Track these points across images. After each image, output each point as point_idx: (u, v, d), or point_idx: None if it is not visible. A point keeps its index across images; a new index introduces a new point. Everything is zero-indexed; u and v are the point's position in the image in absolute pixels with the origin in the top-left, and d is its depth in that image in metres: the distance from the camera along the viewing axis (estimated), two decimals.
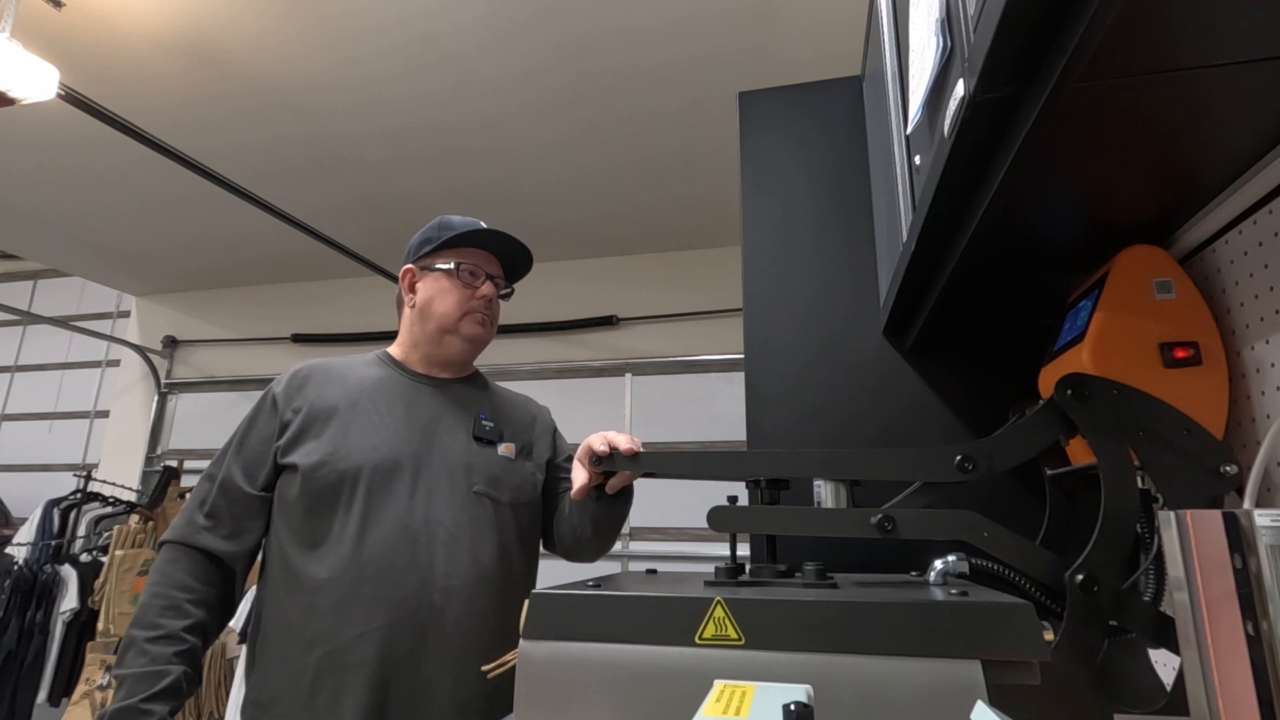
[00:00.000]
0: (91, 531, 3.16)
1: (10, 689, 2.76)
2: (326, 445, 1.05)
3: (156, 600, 0.99)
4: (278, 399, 1.10)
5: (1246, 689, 0.45)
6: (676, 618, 0.60)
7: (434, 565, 1.01)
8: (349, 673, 0.95)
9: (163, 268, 3.75)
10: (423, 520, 1.03)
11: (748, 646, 0.58)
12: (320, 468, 1.03)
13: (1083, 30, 0.46)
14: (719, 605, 0.60)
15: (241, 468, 1.07)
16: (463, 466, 1.10)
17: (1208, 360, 0.73)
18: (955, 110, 0.59)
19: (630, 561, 3.12)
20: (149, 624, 0.97)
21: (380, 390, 1.13)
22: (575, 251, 3.44)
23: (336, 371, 1.14)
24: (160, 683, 0.93)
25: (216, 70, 2.14)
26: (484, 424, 1.15)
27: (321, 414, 1.08)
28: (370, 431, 1.07)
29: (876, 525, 0.74)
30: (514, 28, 1.95)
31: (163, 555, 1.04)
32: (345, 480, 1.03)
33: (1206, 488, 0.66)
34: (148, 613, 0.98)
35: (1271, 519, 0.46)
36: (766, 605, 0.59)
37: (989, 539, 0.71)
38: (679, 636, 0.59)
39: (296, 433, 1.06)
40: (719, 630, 0.59)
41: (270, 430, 1.09)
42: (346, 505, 1.02)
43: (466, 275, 1.16)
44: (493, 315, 1.20)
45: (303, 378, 1.13)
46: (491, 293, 1.18)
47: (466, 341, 1.17)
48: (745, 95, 1.38)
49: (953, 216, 0.76)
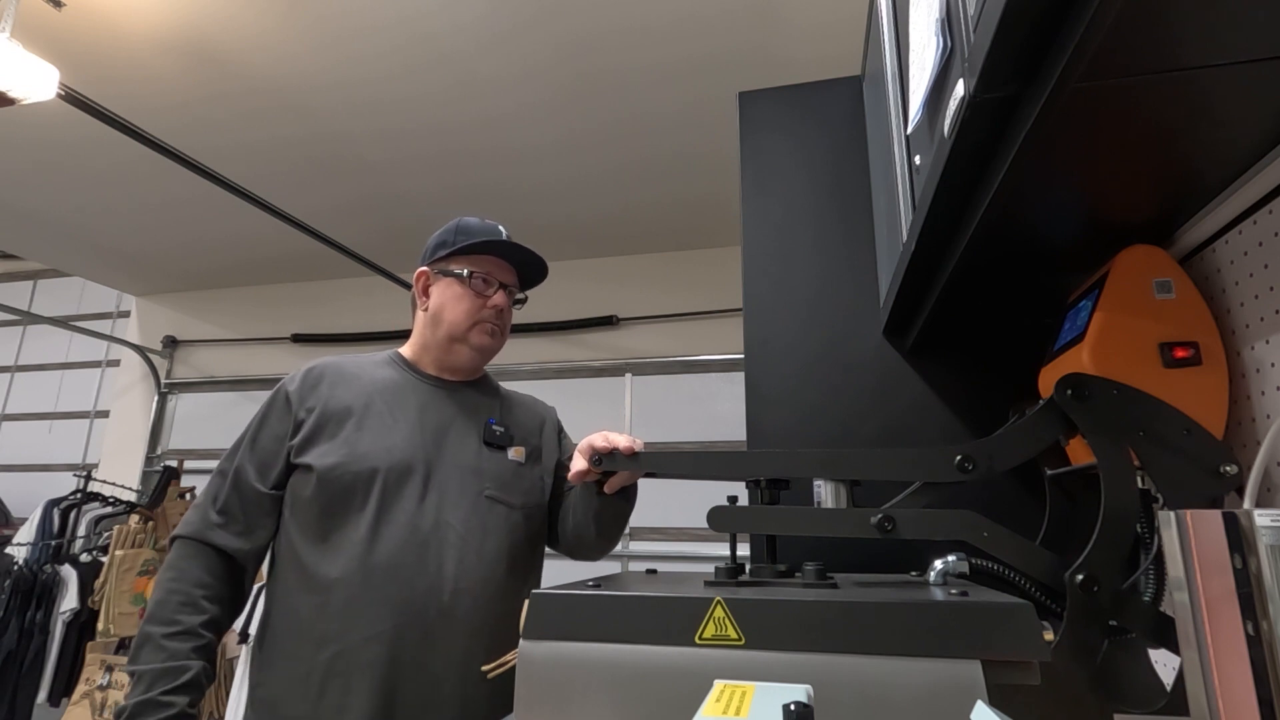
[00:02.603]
0: (91, 531, 3.16)
1: (10, 689, 2.76)
2: (342, 446, 1.05)
3: (174, 596, 0.99)
4: (291, 397, 1.10)
5: (1246, 689, 0.45)
6: (676, 618, 0.60)
7: (444, 568, 1.02)
8: (357, 674, 0.95)
9: (163, 268, 3.75)
10: (433, 523, 1.03)
11: (748, 646, 0.58)
12: (336, 469, 1.03)
13: (1083, 30, 0.46)
14: (719, 605, 0.60)
15: (254, 465, 1.07)
16: (473, 471, 1.10)
17: (1208, 360, 0.73)
18: (955, 110, 0.59)
19: (630, 561, 3.12)
20: (166, 619, 0.97)
21: (393, 392, 1.13)
22: (575, 251, 3.44)
23: (349, 371, 1.14)
24: (181, 677, 0.93)
25: (216, 70, 2.14)
26: (494, 429, 1.16)
27: (336, 414, 1.08)
28: (384, 434, 1.07)
29: (876, 525, 0.74)
30: (514, 28, 1.95)
31: (176, 550, 1.03)
32: (360, 482, 1.03)
33: (1206, 488, 0.66)
34: (165, 608, 0.98)
35: (1271, 519, 0.46)
36: (766, 605, 0.59)
37: (989, 539, 0.71)
38: (679, 636, 0.59)
39: (311, 432, 1.06)
40: (719, 630, 0.59)
41: (284, 428, 1.08)
42: (360, 506, 1.02)
43: (479, 284, 1.16)
44: (504, 325, 1.19)
45: (316, 376, 1.12)
46: (503, 303, 1.17)
47: (475, 351, 1.17)
48: (745, 95, 1.38)
49: (953, 216, 0.76)
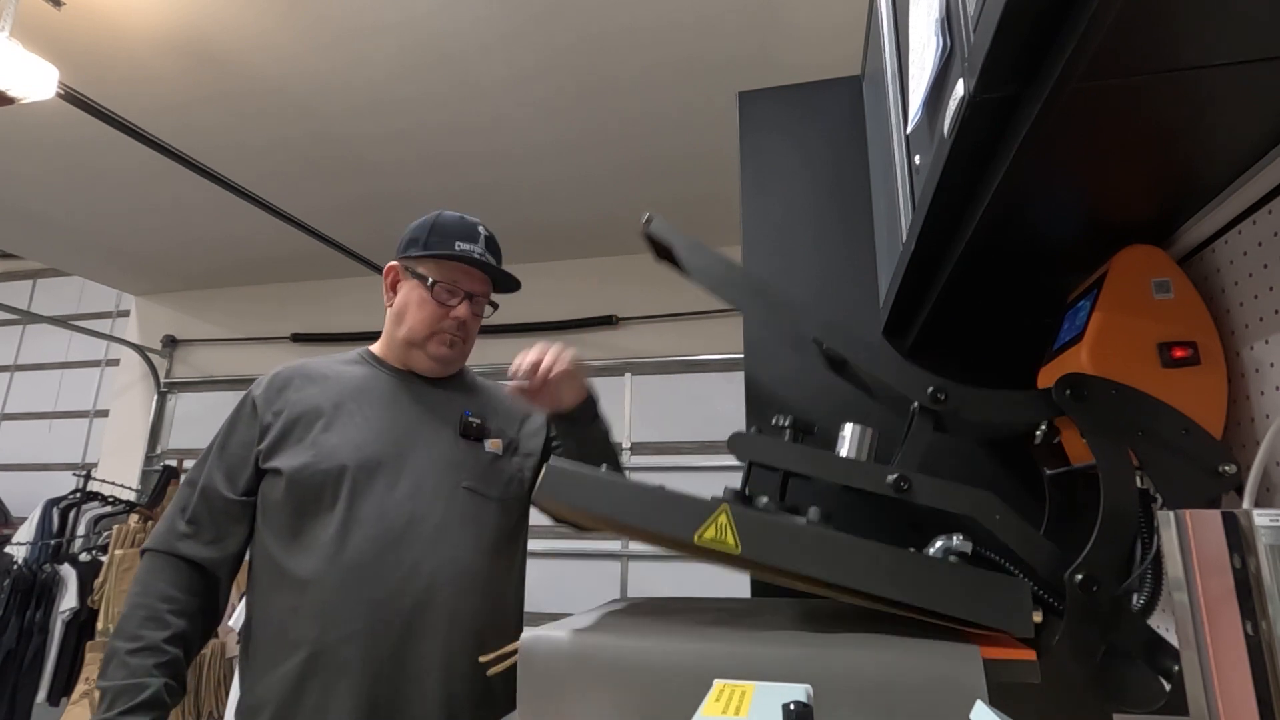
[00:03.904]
0: (91, 531, 3.16)
1: (10, 688, 2.76)
2: (310, 447, 1.04)
3: (138, 611, 0.98)
4: (257, 402, 1.09)
5: (1246, 689, 0.45)
6: (682, 513, 0.61)
7: (419, 564, 1.01)
8: (334, 675, 0.95)
9: (162, 267, 3.75)
10: (407, 518, 1.03)
11: (743, 555, 0.59)
12: (305, 470, 1.02)
13: (1083, 30, 0.46)
14: (725, 512, 0.60)
15: (223, 473, 1.06)
16: (450, 463, 1.09)
17: (1206, 360, 0.73)
18: (955, 110, 0.59)
19: (630, 561, 3.12)
20: (130, 635, 0.97)
21: (363, 389, 1.12)
22: (575, 251, 3.44)
23: (317, 371, 1.13)
24: (140, 695, 0.92)
25: (216, 70, 2.14)
26: (470, 421, 1.14)
27: (303, 416, 1.07)
28: (353, 430, 1.06)
29: (892, 484, 0.72)
30: (515, 29, 1.95)
31: (144, 564, 1.03)
32: (329, 480, 1.02)
33: (1205, 488, 0.66)
34: (129, 623, 0.98)
35: (1271, 519, 0.46)
36: (769, 522, 0.60)
37: (1000, 521, 0.70)
38: (679, 529, 0.60)
39: (278, 436, 1.05)
40: (718, 535, 0.60)
41: (250, 435, 1.07)
42: (330, 505, 1.01)
43: (443, 293, 1.13)
44: (465, 335, 1.17)
45: (282, 381, 1.11)
46: (465, 314, 1.14)
47: (432, 360, 1.15)
48: (745, 95, 1.38)
49: (952, 216, 0.76)
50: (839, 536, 0.58)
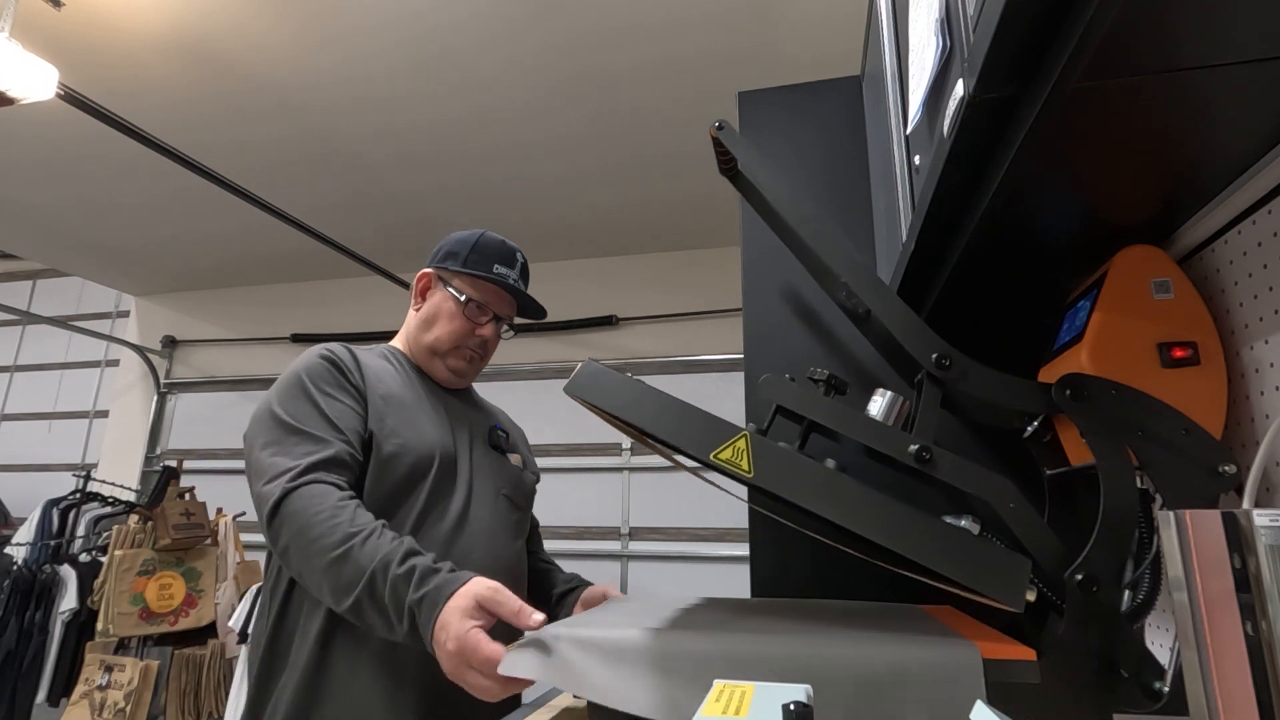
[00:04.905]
0: (91, 531, 3.15)
1: (9, 689, 2.76)
2: (399, 433, 1.02)
3: (330, 533, 0.86)
4: (343, 365, 1.03)
5: (1246, 689, 0.45)
6: (703, 429, 0.63)
7: (474, 563, 1.00)
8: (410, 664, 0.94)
9: (162, 267, 3.75)
10: (468, 518, 1.05)
11: (754, 480, 0.60)
12: (398, 455, 1.01)
13: (1082, 30, 0.46)
14: (745, 436, 0.62)
15: (345, 427, 0.99)
16: (490, 470, 1.13)
17: (1206, 360, 0.73)
18: (955, 110, 0.59)
19: (630, 561, 3.11)
20: (334, 545, 0.84)
21: (412, 388, 1.12)
22: (575, 251, 3.44)
23: (366, 359, 1.10)
24: (416, 556, 0.84)
25: (215, 69, 2.14)
26: (499, 433, 1.19)
27: (381, 398, 1.04)
28: (428, 425, 1.06)
29: (914, 454, 0.72)
30: (512, 25, 1.95)
31: (295, 501, 0.89)
32: (419, 469, 1.02)
33: (1205, 488, 0.66)
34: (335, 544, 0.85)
35: (1271, 519, 0.46)
36: (785, 454, 0.62)
37: (1013, 510, 0.70)
38: (697, 444, 0.62)
39: (375, 411, 1.03)
40: (734, 457, 0.61)
41: (351, 398, 1.02)
42: (414, 494, 1.01)
43: (475, 311, 1.15)
44: (485, 353, 1.19)
45: (350, 356, 1.07)
46: (490, 334, 1.17)
47: (450, 371, 1.16)
48: (744, 95, 1.38)
49: (952, 217, 0.76)
50: (851, 481, 0.59)
